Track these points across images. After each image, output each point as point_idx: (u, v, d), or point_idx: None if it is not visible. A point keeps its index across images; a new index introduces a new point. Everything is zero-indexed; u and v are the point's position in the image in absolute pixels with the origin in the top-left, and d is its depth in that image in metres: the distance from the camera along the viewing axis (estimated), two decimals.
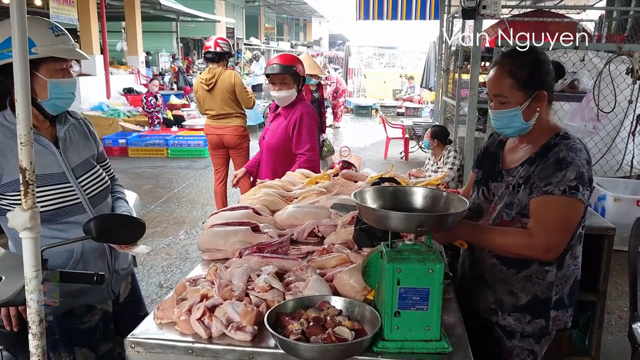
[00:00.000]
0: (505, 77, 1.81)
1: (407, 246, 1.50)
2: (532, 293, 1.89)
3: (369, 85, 21.33)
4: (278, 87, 3.49)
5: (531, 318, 1.90)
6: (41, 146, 1.89)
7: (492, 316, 1.96)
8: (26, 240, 1.32)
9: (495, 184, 1.95)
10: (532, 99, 1.80)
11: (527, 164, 1.85)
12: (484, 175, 2.03)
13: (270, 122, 3.68)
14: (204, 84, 5.68)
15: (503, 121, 1.85)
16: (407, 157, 10.26)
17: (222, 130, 5.79)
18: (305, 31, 40.19)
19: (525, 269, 1.88)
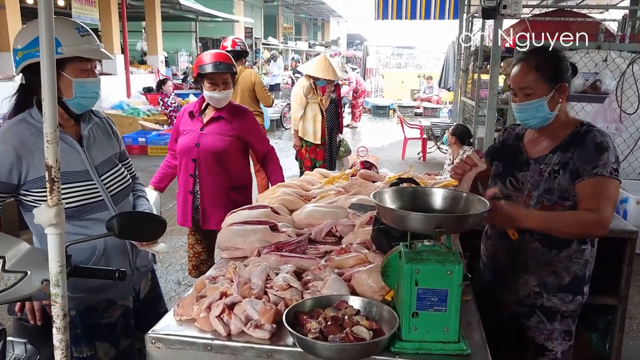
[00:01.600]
0: (531, 71, 1.96)
1: (426, 247, 1.50)
2: (573, 272, 2.04)
3: (386, 85, 21.26)
4: (222, 87, 3.11)
5: (572, 297, 2.06)
6: (66, 144, 1.93)
7: (537, 299, 2.07)
8: (51, 236, 1.35)
9: (523, 173, 2.07)
10: (556, 90, 1.95)
11: (559, 151, 1.99)
12: (506, 167, 2.14)
13: (203, 126, 3.15)
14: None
15: (529, 112, 1.98)
16: (425, 157, 10.21)
17: None
18: (323, 31, 40.18)
19: (566, 248, 2.02)
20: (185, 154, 3.18)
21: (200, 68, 3.09)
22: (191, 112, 3.19)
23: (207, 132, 3.16)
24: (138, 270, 2.14)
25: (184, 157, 3.19)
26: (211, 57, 3.11)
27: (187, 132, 3.18)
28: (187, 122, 3.21)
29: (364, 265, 1.93)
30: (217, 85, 3.08)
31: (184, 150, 3.17)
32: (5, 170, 1.81)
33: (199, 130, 3.16)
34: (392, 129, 14.10)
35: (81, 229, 1.92)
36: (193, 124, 3.19)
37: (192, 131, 3.17)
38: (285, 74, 18.85)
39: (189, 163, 3.18)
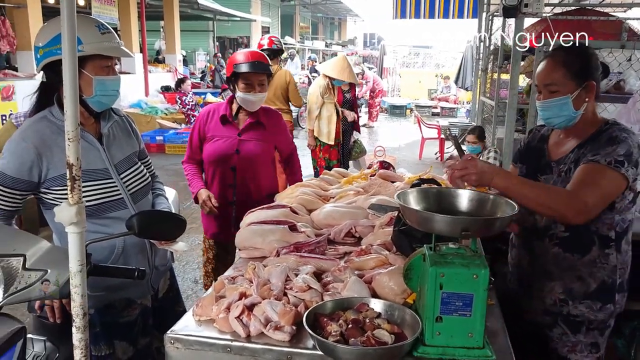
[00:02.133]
0: (558, 67, 1.88)
1: (451, 250, 1.47)
2: (600, 278, 1.93)
3: (403, 84, 21.15)
4: (257, 89, 2.86)
5: (601, 305, 1.94)
6: (86, 142, 1.92)
7: (563, 307, 1.97)
8: (72, 235, 1.34)
9: (545, 176, 2.00)
10: (582, 88, 1.87)
11: (576, 149, 1.92)
12: (530, 170, 2.07)
13: (241, 132, 2.93)
14: None
15: (553, 110, 1.90)
16: (442, 157, 10.12)
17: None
18: (340, 30, 40.14)
19: (588, 253, 1.92)
20: (220, 162, 2.92)
21: (236, 67, 2.85)
22: (224, 116, 2.92)
23: (245, 138, 2.93)
24: (157, 269, 2.13)
25: (219, 166, 2.94)
26: (247, 56, 2.88)
27: (221, 137, 2.92)
28: (218, 128, 2.94)
29: (384, 267, 1.90)
30: (253, 87, 2.84)
31: (220, 158, 2.92)
32: (26, 168, 1.81)
33: (237, 137, 2.92)
34: (409, 129, 14.02)
35: (101, 227, 1.92)
36: (227, 129, 2.93)
37: (228, 137, 2.91)
38: (302, 73, 18.85)
39: (226, 172, 2.94)
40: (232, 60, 2.91)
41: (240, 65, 2.84)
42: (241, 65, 2.84)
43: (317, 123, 6.02)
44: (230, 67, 2.90)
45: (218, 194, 2.94)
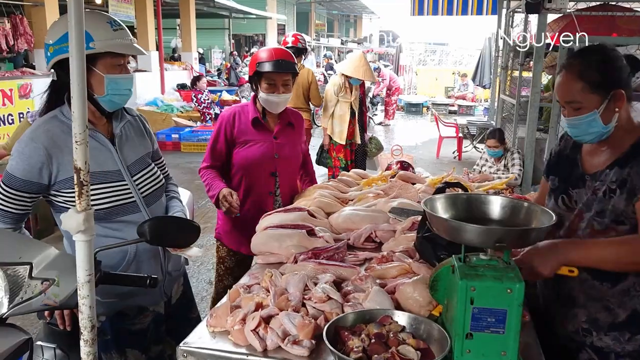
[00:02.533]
0: (575, 80, 1.64)
1: (482, 261, 1.37)
2: (631, 307, 1.70)
3: (420, 82, 20.94)
4: (282, 90, 2.62)
5: (630, 335, 1.71)
6: (98, 143, 1.86)
7: (586, 337, 1.77)
8: (79, 243, 1.27)
9: (577, 190, 1.77)
10: (609, 100, 1.63)
11: (616, 167, 1.68)
12: (561, 182, 1.84)
13: (276, 134, 2.71)
14: None
15: (580, 128, 1.68)
16: (460, 156, 9.96)
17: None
18: (356, 27, 39.92)
19: (622, 281, 1.69)
20: (257, 167, 2.66)
21: (259, 66, 2.60)
22: (256, 119, 2.67)
23: (281, 141, 2.71)
24: (170, 274, 2.06)
25: (254, 172, 2.67)
26: (272, 53, 2.61)
27: (256, 142, 2.66)
28: (250, 131, 2.67)
29: (407, 275, 1.80)
30: (277, 88, 2.59)
31: (257, 163, 2.66)
32: (36, 170, 1.74)
33: (273, 139, 2.69)
34: (426, 127, 13.86)
35: (112, 232, 1.85)
36: (261, 132, 2.68)
37: (264, 141, 2.67)
38: (317, 70, 18.75)
39: (264, 178, 2.69)
40: (254, 58, 2.66)
41: (263, 64, 2.59)
42: (264, 64, 2.59)
43: (331, 122, 5.94)
44: (252, 66, 2.66)
45: (252, 202, 2.67)
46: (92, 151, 1.82)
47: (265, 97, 2.62)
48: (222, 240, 2.84)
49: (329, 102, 5.89)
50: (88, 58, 1.75)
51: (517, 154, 5.63)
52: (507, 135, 6.69)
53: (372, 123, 14.13)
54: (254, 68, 2.64)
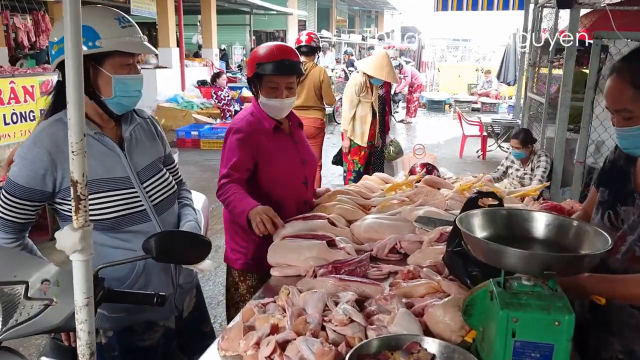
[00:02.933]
0: (626, 87, 1.44)
1: (524, 287, 1.21)
2: None
3: (442, 79, 20.63)
4: (285, 93, 2.29)
5: None
6: (105, 147, 1.74)
7: None
8: (77, 264, 1.15)
9: (625, 208, 1.58)
10: None
11: None
12: (610, 196, 1.65)
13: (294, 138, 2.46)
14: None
15: (630, 140, 1.49)
16: (485, 156, 9.70)
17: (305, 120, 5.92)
18: (377, 23, 39.55)
19: None
20: (291, 179, 2.38)
21: (259, 67, 2.25)
22: (276, 126, 2.35)
23: (301, 145, 2.46)
24: (181, 287, 1.94)
25: (289, 183, 2.38)
26: (273, 52, 2.27)
27: (281, 152, 2.35)
28: (272, 141, 2.33)
29: (436, 294, 1.66)
30: (280, 91, 2.27)
31: (290, 175, 2.37)
32: (39, 176, 1.63)
33: (294, 144, 2.42)
34: (449, 125, 13.58)
35: (120, 243, 1.73)
36: (281, 140, 2.37)
37: (287, 148, 2.38)
38: (337, 67, 18.56)
39: (301, 189, 2.42)
40: (253, 58, 2.30)
41: (264, 65, 2.25)
42: (265, 65, 2.25)
43: (352, 123, 5.74)
44: (251, 66, 2.30)
45: (289, 216, 2.27)
46: (99, 157, 1.72)
47: (266, 102, 2.29)
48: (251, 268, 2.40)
49: (351, 102, 5.65)
50: (95, 57, 1.65)
51: (544, 156, 5.39)
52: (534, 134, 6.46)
53: (394, 120, 13.91)
54: (253, 69, 2.29)
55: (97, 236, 1.71)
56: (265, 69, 2.26)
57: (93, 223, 1.67)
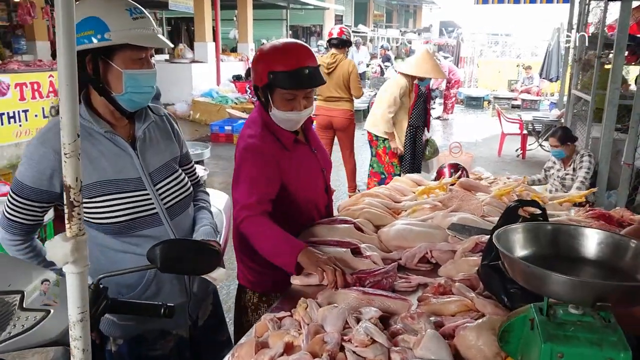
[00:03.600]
0: None
1: (572, 316, 1.05)
2: None
3: (481, 74, 20.11)
4: (303, 104, 1.94)
5: None
6: (116, 147, 1.65)
7: None
8: (70, 276, 1.05)
9: None
10: None
11: None
12: None
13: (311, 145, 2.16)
14: (324, 67, 5.96)
15: None
16: (524, 155, 9.35)
17: (332, 112, 6.19)
18: (415, 18, 38.92)
19: None
20: (314, 190, 2.14)
21: (274, 78, 1.86)
22: (295, 139, 2.04)
23: (318, 150, 2.18)
24: (195, 296, 1.84)
25: (311, 195, 2.13)
26: (290, 59, 1.87)
27: (303, 163, 2.07)
28: (294, 153, 2.03)
29: (469, 314, 1.50)
30: (297, 103, 1.92)
31: (313, 187, 2.13)
32: (46, 177, 1.55)
33: (312, 152, 2.14)
34: (487, 122, 13.19)
35: (130, 247, 1.64)
36: (300, 150, 2.08)
37: (306, 156, 2.10)
38: (374, 62, 18.30)
39: (322, 197, 2.19)
40: (264, 63, 1.90)
41: (280, 76, 1.86)
42: (280, 75, 1.86)
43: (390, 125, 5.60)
44: (262, 74, 1.90)
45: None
46: (110, 156, 1.62)
47: (282, 116, 1.94)
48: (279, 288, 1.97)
49: (391, 105, 5.44)
50: (104, 51, 1.54)
51: (587, 156, 5.09)
52: (579, 134, 6.15)
53: (431, 117, 13.62)
54: (264, 78, 1.89)
55: (106, 240, 1.63)
56: (281, 82, 1.87)
57: (102, 226, 1.61)
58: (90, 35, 1.51)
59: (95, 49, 1.52)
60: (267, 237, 1.82)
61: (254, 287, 2.13)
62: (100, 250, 1.65)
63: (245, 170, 1.94)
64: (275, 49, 1.93)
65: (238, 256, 2.16)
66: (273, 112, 1.96)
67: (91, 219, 1.60)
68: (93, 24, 1.50)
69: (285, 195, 1.99)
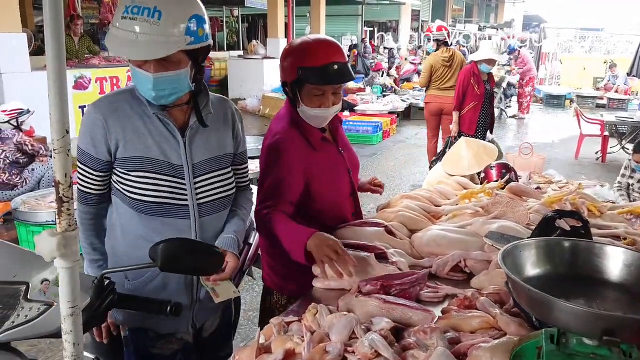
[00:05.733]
0: None
1: (585, 347, 0.93)
2: None
3: (564, 71, 18.96)
4: (332, 100, 1.91)
5: None
6: (167, 130, 1.63)
7: None
8: (61, 271, 1.06)
9: None
10: None
11: None
12: None
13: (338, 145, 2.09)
14: (445, 61, 6.83)
15: None
16: (605, 158, 8.71)
17: (446, 100, 6.67)
18: (497, 12, 37.43)
19: None
20: (339, 193, 2.08)
21: (303, 73, 1.84)
22: (323, 137, 2.01)
23: (345, 150, 2.12)
24: (201, 302, 1.76)
25: (336, 199, 2.07)
26: (319, 54, 1.84)
27: (330, 163, 2.03)
28: (321, 153, 1.99)
29: (489, 332, 1.39)
30: (326, 99, 1.88)
31: (339, 188, 2.07)
32: (97, 142, 1.59)
33: (339, 153, 2.08)
34: (567, 123, 12.40)
35: (150, 234, 1.61)
36: (328, 149, 2.04)
37: (335, 158, 2.05)
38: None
39: (347, 201, 2.12)
40: (293, 59, 1.88)
41: (308, 72, 1.84)
42: (310, 71, 1.84)
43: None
44: (290, 69, 1.88)
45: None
46: (158, 137, 1.62)
47: (311, 113, 1.91)
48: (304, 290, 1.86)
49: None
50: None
51: None
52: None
53: (505, 116, 13.04)
54: (293, 74, 1.87)
55: (132, 221, 1.64)
56: (310, 77, 1.84)
57: (133, 202, 1.60)
58: None
59: None
60: (281, 229, 1.80)
61: (280, 290, 2.09)
62: (122, 232, 1.66)
63: (269, 168, 1.93)
64: (304, 45, 1.90)
65: (264, 258, 2.13)
66: (301, 108, 1.93)
67: (125, 192, 1.62)
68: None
69: (308, 196, 1.95)
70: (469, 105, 6.05)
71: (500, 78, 12.38)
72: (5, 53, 6.53)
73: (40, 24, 13.19)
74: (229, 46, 18.91)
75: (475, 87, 5.98)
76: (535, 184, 2.95)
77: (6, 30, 6.51)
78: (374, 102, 12.21)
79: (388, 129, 10.36)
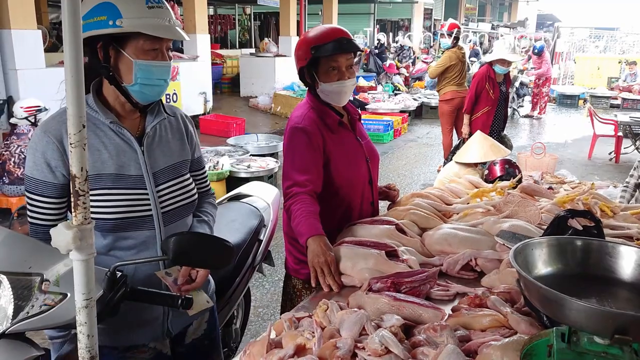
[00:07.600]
0: None
1: (596, 346, 0.93)
2: None
3: (578, 71, 18.79)
4: (348, 74, 2.08)
5: None
6: (122, 141, 1.57)
7: None
8: (76, 263, 1.08)
9: None
10: None
11: None
12: None
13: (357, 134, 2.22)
14: (461, 58, 7.04)
15: None
16: (618, 159, 8.64)
17: (465, 94, 6.68)
18: (510, 11, 37.16)
19: None
20: (357, 177, 2.17)
21: (316, 50, 2.02)
22: (340, 121, 2.16)
23: (364, 140, 2.24)
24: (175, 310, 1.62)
25: (354, 185, 2.17)
26: (329, 33, 2.06)
27: (348, 149, 2.16)
28: (338, 138, 2.14)
29: (500, 330, 1.39)
30: (342, 73, 2.06)
31: (356, 173, 2.17)
32: (51, 167, 1.51)
33: (357, 140, 2.20)
34: (580, 122, 12.31)
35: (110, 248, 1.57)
36: (345, 136, 2.18)
37: (351, 144, 2.18)
38: None
39: (366, 188, 2.21)
40: (306, 44, 2.06)
41: (321, 47, 2.02)
42: (322, 46, 2.02)
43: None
44: (304, 53, 2.06)
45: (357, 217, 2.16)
46: (113, 150, 1.56)
47: (330, 88, 2.06)
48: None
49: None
50: (117, 38, 1.50)
51: None
52: None
53: (517, 115, 12.95)
54: (308, 55, 2.04)
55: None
56: (323, 51, 2.02)
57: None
58: (102, 21, 1.46)
59: (108, 36, 1.48)
60: (296, 215, 1.94)
61: (297, 274, 2.22)
62: None
63: (291, 149, 2.09)
64: (315, 30, 2.11)
65: (287, 241, 2.25)
66: (321, 87, 2.09)
67: None
68: (106, 10, 1.46)
69: (328, 174, 2.10)
70: (482, 110, 5.96)
71: (513, 77, 12.28)
72: (21, 49, 6.59)
73: (54, 20, 13.35)
74: (241, 44, 18.97)
75: (490, 91, 5.85)
76: (547, 183, 2.93)
77: (21, 26, 6.57)
78: (385, 100, 12.19)
79: (399, 127, 10.35)
